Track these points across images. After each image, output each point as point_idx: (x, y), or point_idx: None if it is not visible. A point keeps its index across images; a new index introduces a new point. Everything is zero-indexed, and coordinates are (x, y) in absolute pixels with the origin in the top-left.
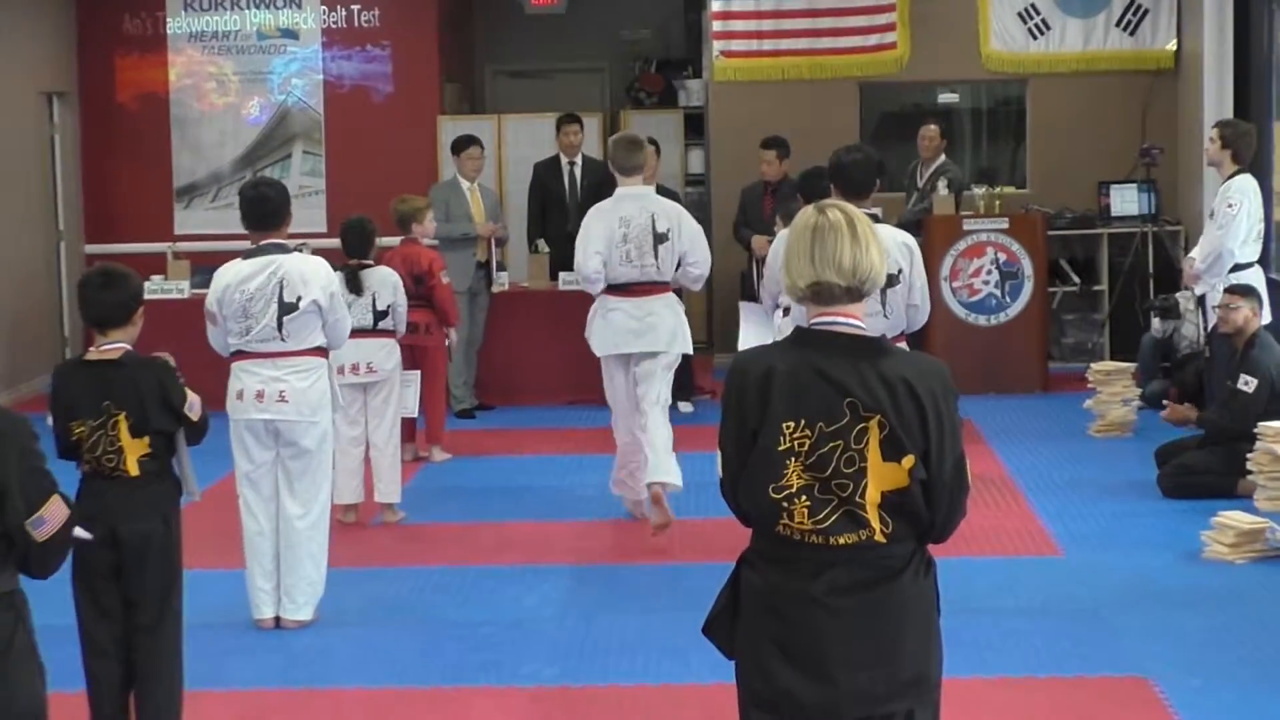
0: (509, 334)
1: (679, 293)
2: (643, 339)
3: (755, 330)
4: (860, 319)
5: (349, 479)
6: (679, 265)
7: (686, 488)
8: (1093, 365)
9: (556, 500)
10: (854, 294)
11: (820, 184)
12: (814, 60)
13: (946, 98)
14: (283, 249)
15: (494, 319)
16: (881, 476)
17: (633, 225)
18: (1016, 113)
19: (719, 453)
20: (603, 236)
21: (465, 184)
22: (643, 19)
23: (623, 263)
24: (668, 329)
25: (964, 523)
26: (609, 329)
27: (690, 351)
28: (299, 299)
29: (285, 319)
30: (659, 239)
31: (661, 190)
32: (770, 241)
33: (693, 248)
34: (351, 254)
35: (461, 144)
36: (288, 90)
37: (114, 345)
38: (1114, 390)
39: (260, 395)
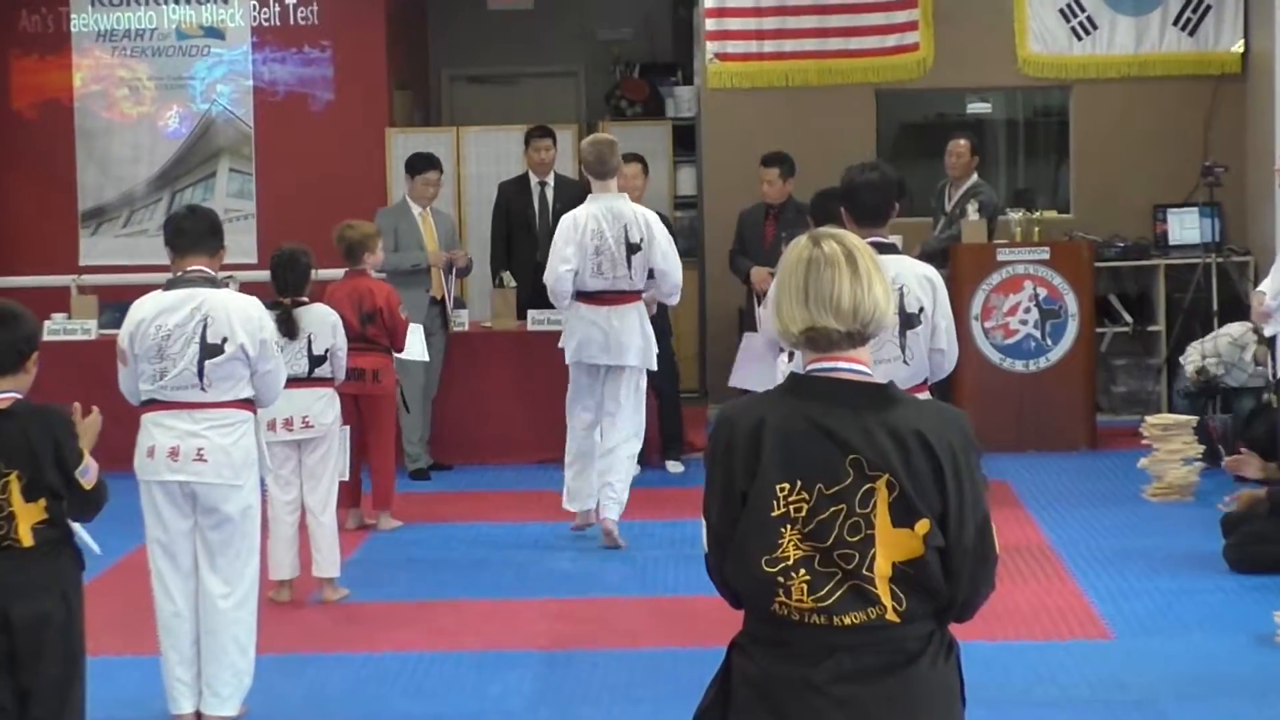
0: (469, 381)
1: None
2: (609, 353)
3: (754, 366)
4: (866, 364)
5: (282, 551)
6: (649, 275)
7: (673, 562)
8: (1148, 418)
9: (524, 575)
10: (855, 339)
11: (833, 206)
12: (823, 64)
13: (977, 108)
14: (210, 281)
15: (451, 364)
16: (892, 545)
17: (606, 236)
18: (1058, 125)
19: (703, 521)
20: (574, 247)
21: (416, 208)
22: (623, 16)
23: (594, 274)
24: (636, 344)
25: (994, 600)
26: (575, 337)
27: (654, 366)
28: (224, 341)
29: (208, 364)
30: (631, 249)
31: None
32: (773, 274)
33: (663, 258)
34: (284, 290)
35: (419, 165)
36: (212, 98)
37: (3, 394)
38: (1172, 447)
39: (174, 453)
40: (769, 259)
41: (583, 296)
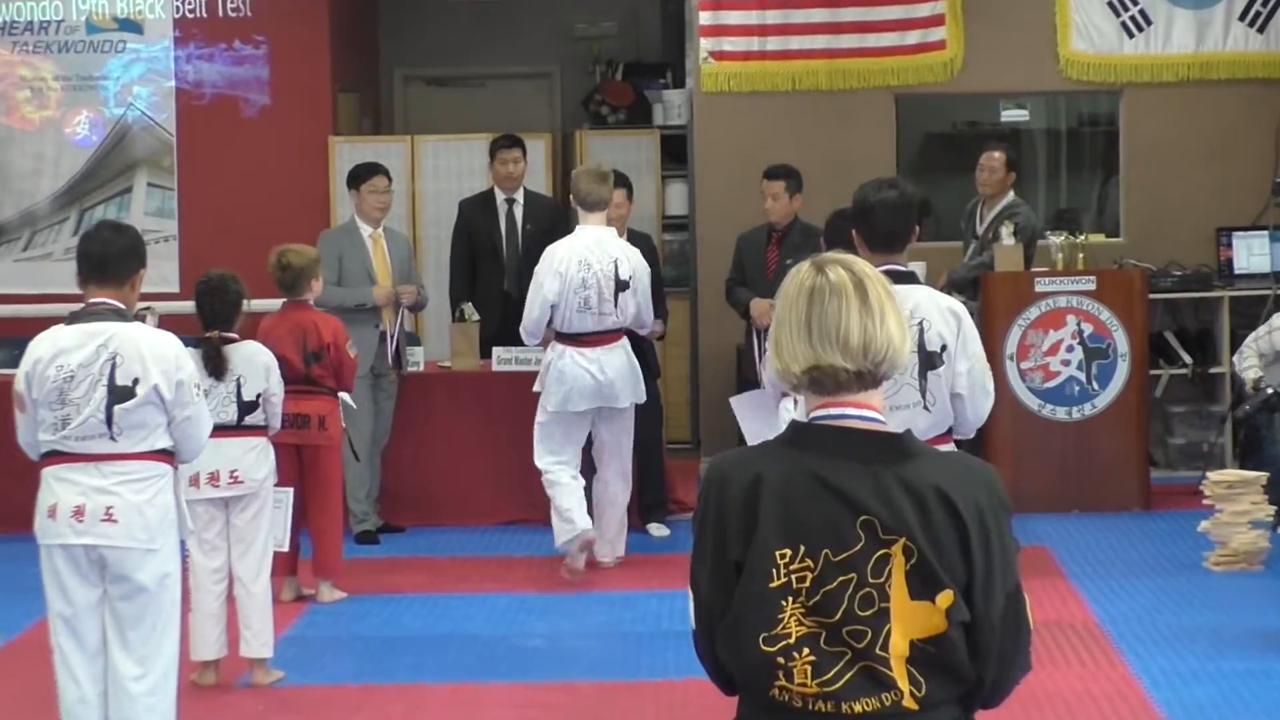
0: (425, 431)
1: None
2: (602, 396)
3: (759, 426)
4: (878, 410)
5: (206, 627)
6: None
7: (660, 640)
8: (1210, 475)
9: (488, 655)
10: (866, 380)
11: (851, 229)
12: (835, 64)
13: (1013, 115)
14: (120, 314)
15: (405, 410)
16: (910, 620)
17: (594, 269)
18: (1106, 135)
19: (690, 594)
20: (556, 280)
21: (365, 229)
22: (605, 10)
23: (581, 310)
24: (627, 383)
25: (1030, 684)
26: (564, 383)
27: (644, 397)
28: (135, 383)
29: (117, 409)
30: (620, 286)
31: (633, 235)
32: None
33: (646, 302)
34: (210, 322)
35: (361, 174)
36: (127, 101)
37: None
38: (1239, 508)
39: (79, 512)
40: (772, 289)
41: (568, 339)
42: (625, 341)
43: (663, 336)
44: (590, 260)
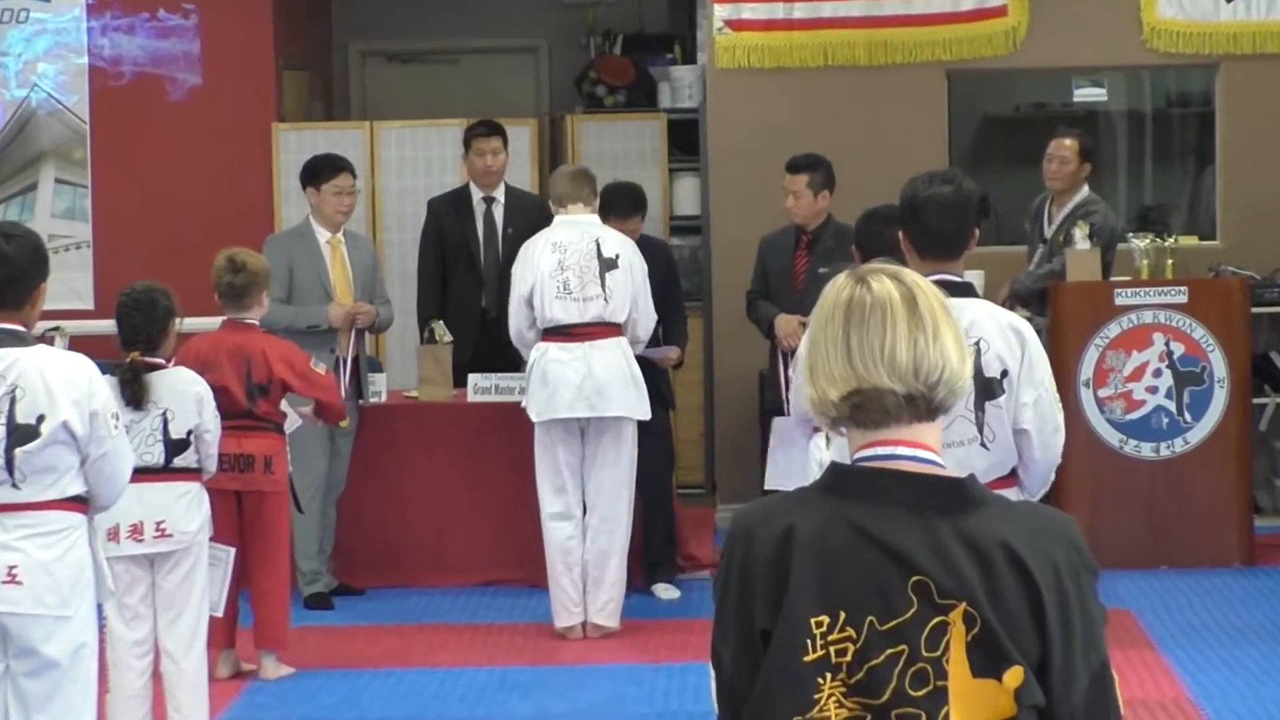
0: (388, 473)
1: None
2: (591, 401)
3: (796, 459)
4: (934, 449)
5: (128, 709)
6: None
7: None
8: None
9: None
10: (920, 408)
11: (888, 233)
12: (875, 35)
13: (1088, 95)
14: (20, 339)
15: (363, 449)
16: (972, 702)
17: (570, 251)
18: (1199, 119)
19: (711, 670)
20: (529, 269)
21: (323, 234)
22: None
23: (560, 295)
24: (622, 388)
25: None
26: (547, 386)
27: (647, 415)
28: (40, 420)
29: (19, 452)
30: (606, 265)
31: (644, 241)
32: (805, 324)
33: (646, 306)
34: (132, 341)
35: (322, 170)
36: (31, 82)
37: None
38: None
39: None
40: (801, 303)
41: (548, 334)
42: (622, 342)
43: (680, 364)
44: (564, 242)
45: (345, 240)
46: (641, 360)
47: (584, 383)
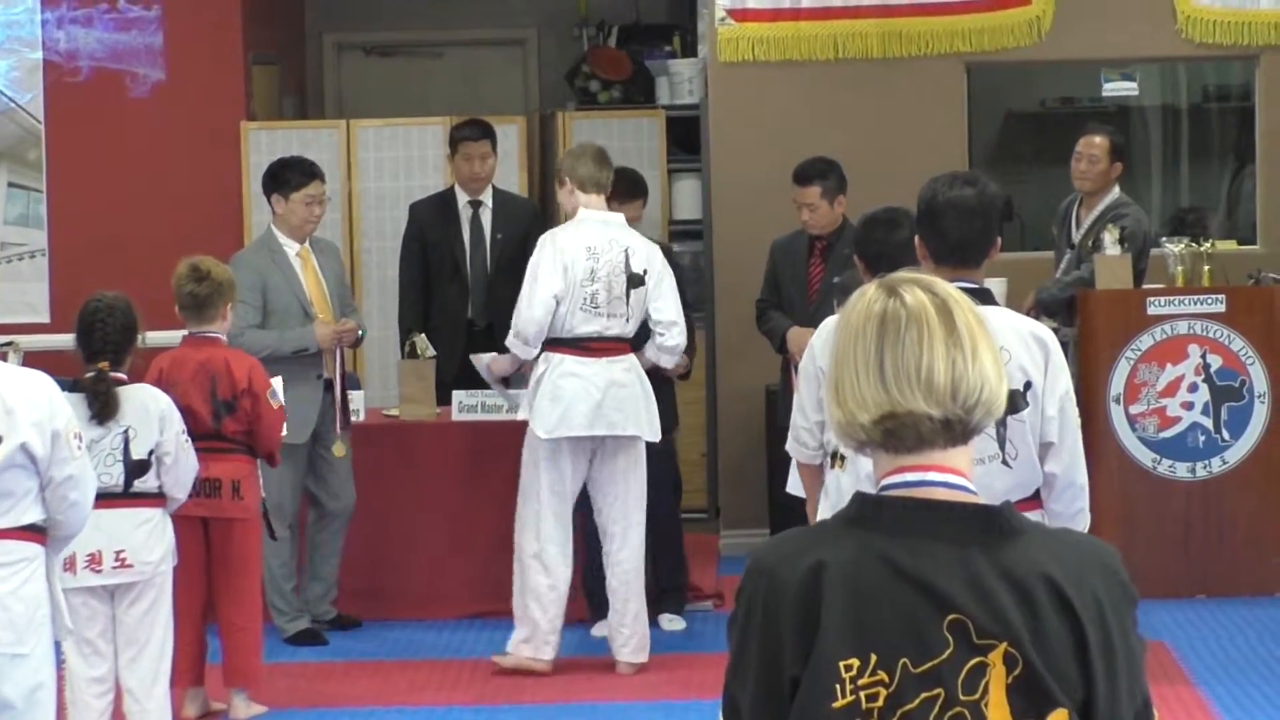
0: (366, 498)
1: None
2: (609, 419)
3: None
4: (966, 474)
5: None
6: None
7: None
8: None
9: None
10: (955, 433)
11: (892, 238)
12: (889, 26)
13: (1118, 89)
14: None
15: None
16: None
17: (603, 260)
18: (1237, 114)
19: (720, 713)
20: (559, 274)
21: (291, 246)
22: None
23: (586, 307)
24: (638, 407)
25: None
26: (560, 400)
27: (658, 436)
28: None
29: None
30: (633, 282)
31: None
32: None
33: (665, 304)
34: (100, 353)
35: (290, 178)
36: None
37: None
38: None
39: None
40: (815, 314)
41: (563, 346)
42: (635, 359)
43: (687, 375)
44: (598, 248)
45: (314, 250)
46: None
47: (604, 400)
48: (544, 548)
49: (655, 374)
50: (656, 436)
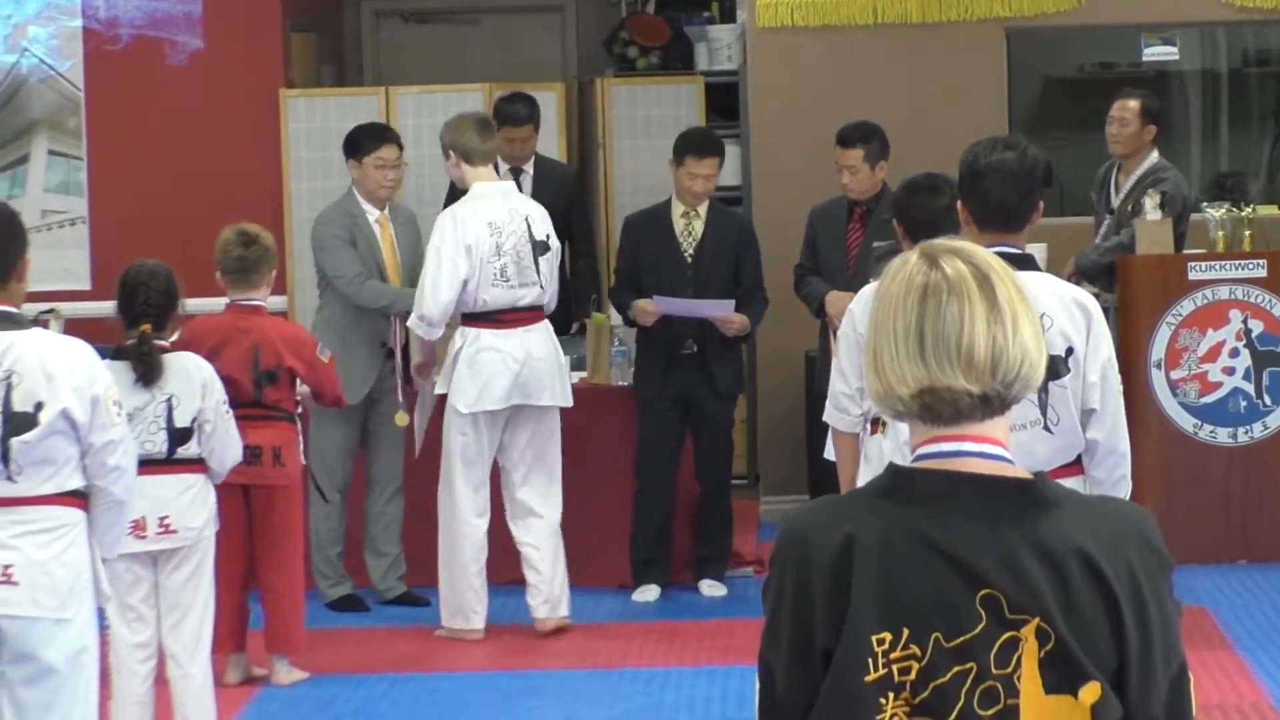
0: (405, 468)
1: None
2: (527, 389)
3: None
4: (1002, 443)
5: (130, 717)
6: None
7: None
8: None
9: None
10: (992, 406)
11: (932, 204)
12: None
13: (1159, 54)
14: (13, 321)
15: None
16: None
17: (505, 232)
18: (1278, 79)
19: (758, 684)
20: (462, 253)
21: (372, 211)
22: None
23: (496, 282)
24: (552, 375)
25: None
26: (480, 374)
27: (570, 402)
28: (39, 407)
29: (15, 442)
30: (539, 249)
31: (718, 209)
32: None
33: (553, 271)
34: (142, 316)
35: (362, 141)
36: (21, 46)
37: None
38: None
39: None
40: (853, 279)
41: (478, 320)
42: (549, 326)
43: (747, 338)
44: (498, 221)
45: (392, 216)
46: (707, 329)
47: (521, 370)
48: (466, 519)
49: (719, 335)
50: (569, 403)
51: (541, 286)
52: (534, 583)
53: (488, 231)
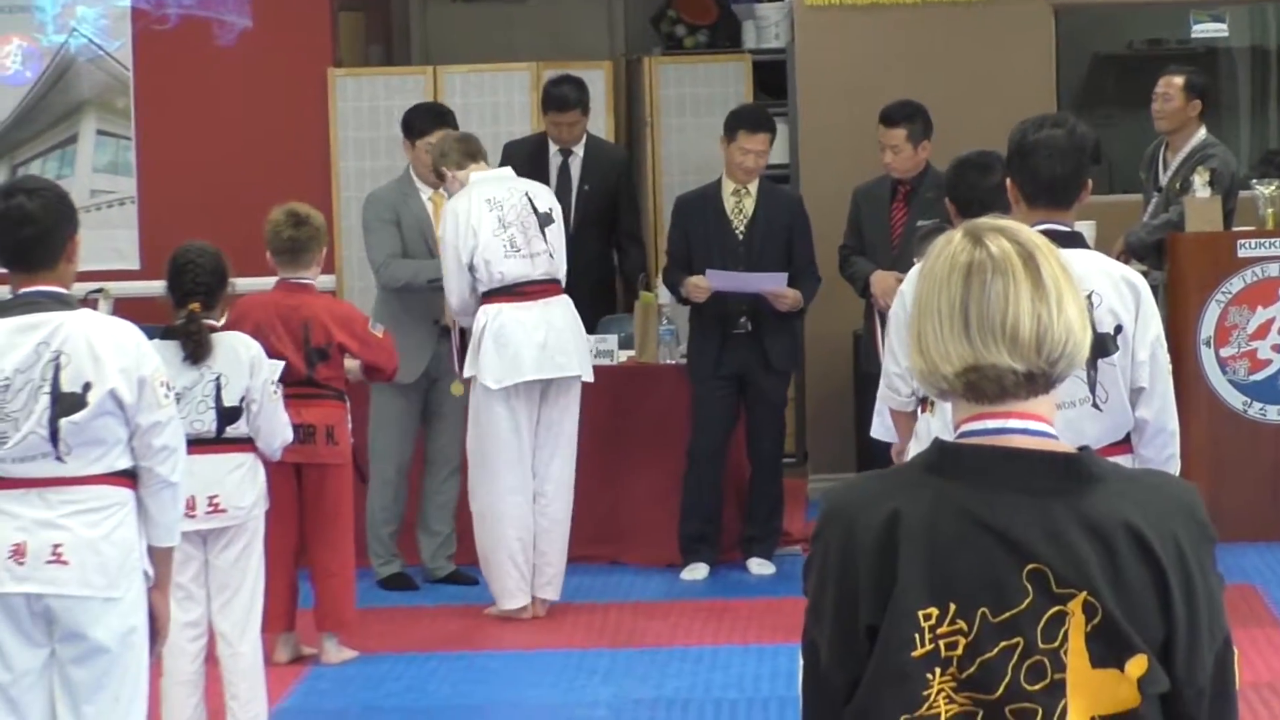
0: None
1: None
2: (555, 361)
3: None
4: (1047, 419)
5: (180, 697)
6: None
7: (758, 710)
8: None
9: None
10: (1038, 383)
11: (984, 182)
12: None
13: (1208, 30)
14: (62, 302)
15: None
16: (1092, 694)
17: (507, 207)
18: None
19: (802, 661)
20: (471, 235)
21: (425, 190)
22: None
23: (509, 253)
24: (577, 347)
25: None
26: (506, 348)
27: (591, 376)
28: (87, 388)
29: (64, 423)
30: (543, 220)
31: (771, 188)
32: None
33: (560, 243)
34: (191, 294)
35: (416, 125)
36: (70, 26)
37: None
38: None
39: (18, 552)
40: (898, 258)
41: (498, 295)
42: (568, 300)
43: (801, 313)
44: (497, 198)
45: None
46: (761, 306)
47: (547, 342)
48: (507, 499)
49: (773, 312)
50: (590, 377)
51: (551, 256)
52: (547, 571)
53: (487, 208)
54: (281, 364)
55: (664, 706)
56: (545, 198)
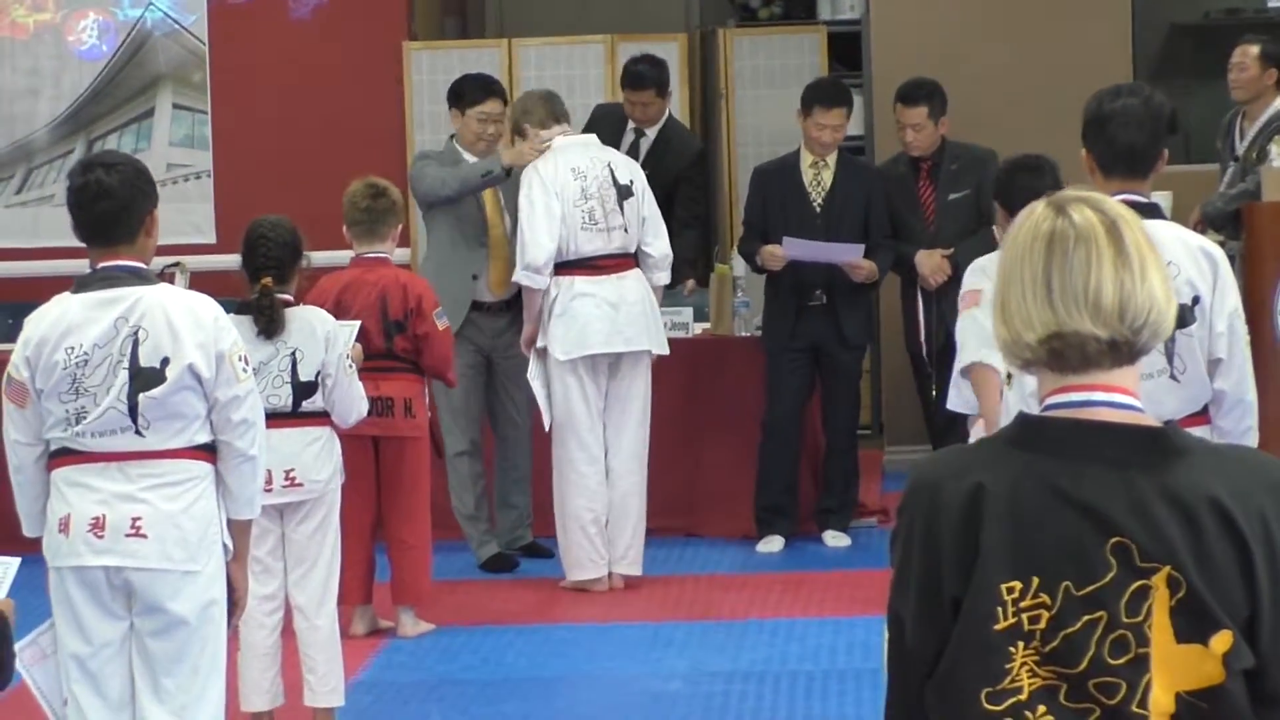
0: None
1: None
2: (625, 335)
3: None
4: (1132, 392)
5: (257, 669)
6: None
7: (835, 683)
8: None
9: (613, 702)
10: (1121, 353)
11: (1036, 185)
12: None
13: None
14: (141, 276)
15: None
16: (1176, 669)
17: (590, 177)
18: None
19: (886, 634)
20: (554, 204)
21: (469, 158)
22: None
23: (586, 225)
24: (649, 321)
25: None
26: (575, 321)
27: (666, 349)
28: (165, 363)
29: (143, 397)
30: (623, 193)
31: (848, 160)
32: (948, 258)
33: (652, 218)
34: (264, 269)
35: (465, 93)
36: (146, 1)
37: None
38: None
39: (99, 525)
40: (936, 235)
41: (571, 268)
42: (640, 273)
43: (875, 284)
44: (581, 167)
45: None
46: (836, 277)
47: (618, 315)
48: (576, 468)
49: (848, 284)
50: (665, 350)
51: (627, 230)
52: (611, 534)
53: (572, 176)
54: (358, 324)
55: (740, 679)
56: (626, 170)
